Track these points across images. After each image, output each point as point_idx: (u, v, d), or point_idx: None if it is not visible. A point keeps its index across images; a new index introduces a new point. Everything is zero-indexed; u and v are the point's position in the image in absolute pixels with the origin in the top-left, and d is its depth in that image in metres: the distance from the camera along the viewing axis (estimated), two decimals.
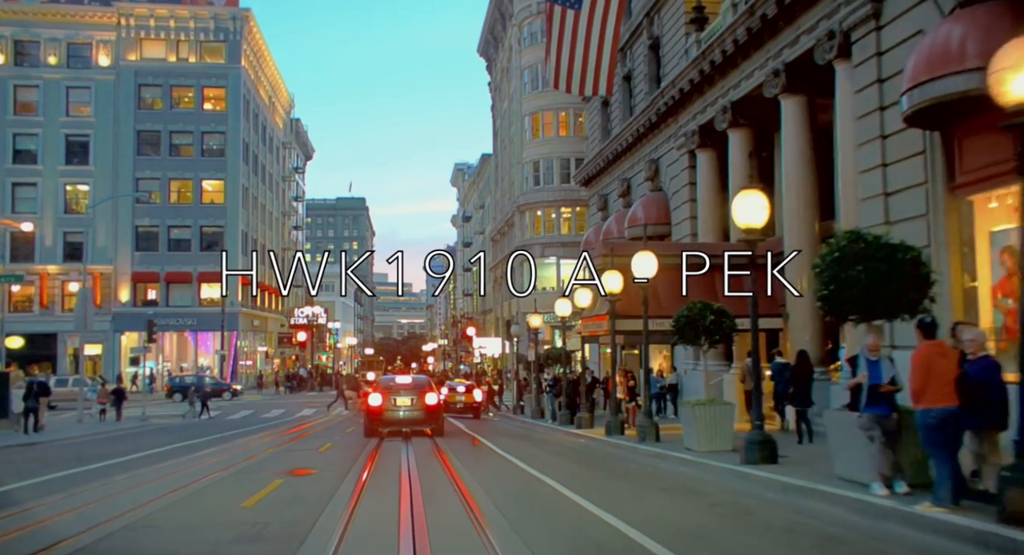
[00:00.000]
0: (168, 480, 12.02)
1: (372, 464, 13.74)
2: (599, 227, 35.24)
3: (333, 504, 9.34)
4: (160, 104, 57.88)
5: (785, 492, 9.30)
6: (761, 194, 11.13)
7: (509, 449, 16.97)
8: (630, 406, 19.38)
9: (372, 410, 20.40)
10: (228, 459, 15.01)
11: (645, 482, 11.45)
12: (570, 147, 59.55)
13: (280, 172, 78.20)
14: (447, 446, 17.91)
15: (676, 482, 11.17)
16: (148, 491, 10.84)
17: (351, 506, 9.21)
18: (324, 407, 39.23)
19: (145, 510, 9.33)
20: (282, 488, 10.83)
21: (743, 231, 11.30)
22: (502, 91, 77.60)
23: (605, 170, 35.64)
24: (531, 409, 29.80)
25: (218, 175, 58.18)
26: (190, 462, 14.73)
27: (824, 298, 9.01)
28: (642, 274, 15.79)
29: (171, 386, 47.73)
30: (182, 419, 31.87)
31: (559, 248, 59.29)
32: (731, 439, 13.28)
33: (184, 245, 57.59)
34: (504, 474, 12.81)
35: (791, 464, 10.93)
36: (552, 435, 21.79)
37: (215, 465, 13.93)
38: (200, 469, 13.30)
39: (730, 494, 9.77)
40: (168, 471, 13.21)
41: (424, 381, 23.44)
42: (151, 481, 12.07)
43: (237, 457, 15.43)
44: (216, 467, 13.52)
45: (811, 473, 9.86)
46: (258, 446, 18.28)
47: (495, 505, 9.28)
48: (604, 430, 18.40)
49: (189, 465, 14.08)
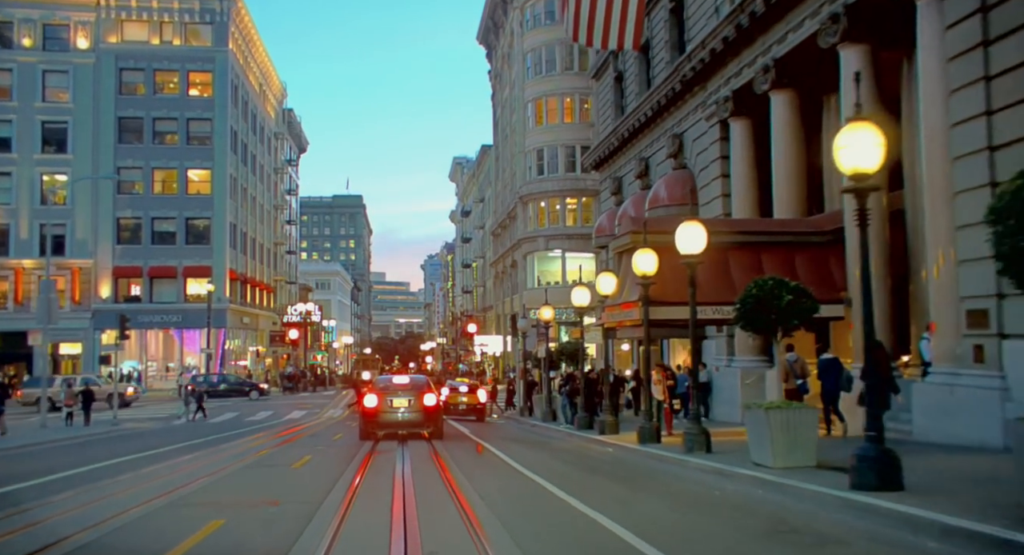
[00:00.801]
0: (75, 515, 8.95)
1: (356, 488, 10.82)
2: (613, 212, 32.40)
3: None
4: (143, 89, 54.89)
5: (950, 539, 6.42)
6: (874, 128, 8.23)
7: (525, 461, 14.11)
8: (667, 409, 16.44)
9: (368, 412, 19.31)
10: (175, 480, 11.96)
11: (723, 514, 8.52)
12: (575, 134, 56.69)
13: (272, 164, 75.23)
14: (450, 456, 15.06)
15: (771, 515, 8.18)
16: (35, 536, 7.74)
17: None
18: (320, 408, 36.42)
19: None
20: (219, 533, 7.70)
21: (850, 177, 8.40)
22: (503, 79, 74.73)
23: (619, 150, 32.78)
24: (541, 411, 26.93)
25: (204, 164, 55.20)
26: (125, 484, 11.71)
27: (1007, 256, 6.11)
28: (690, 249, 12.91)
29: (195, 385, 45.90)
30: (178, 420, 29.22)
31: (564, 240, 56.44)
32: (814, 452, 10.40)
33: (168, 238, 54.61)
34: (528, 499, 9.93)
35: (920, 492, 8.02)
36: (571, 442, 18.89)
37: (151, 490, 10.85)
38: (128, 497, 10.22)
39: (870, 542, 6.84)
40: (87, 500, 10.14)
41: (422, 381, 21.56)
42: (57, 515, 9.02)
43: (189, 476, 12.45)
44: (151, 493, 10.45)
45: (972, 506, 7.00)
46: (223, 459, 15.34)
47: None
48: (636, 437, 15.51)
49: (119, 490, 11.05)
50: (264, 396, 48.16)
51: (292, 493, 10.64)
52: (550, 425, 24.17)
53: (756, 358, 21.31)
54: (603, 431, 18.33)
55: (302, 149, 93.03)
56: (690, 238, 12.83)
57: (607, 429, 18.22)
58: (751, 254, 17.09)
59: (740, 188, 21.50)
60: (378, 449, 17.27)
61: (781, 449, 10.08)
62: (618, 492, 10.44)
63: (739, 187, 21.53)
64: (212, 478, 12.37)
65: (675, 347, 27.01)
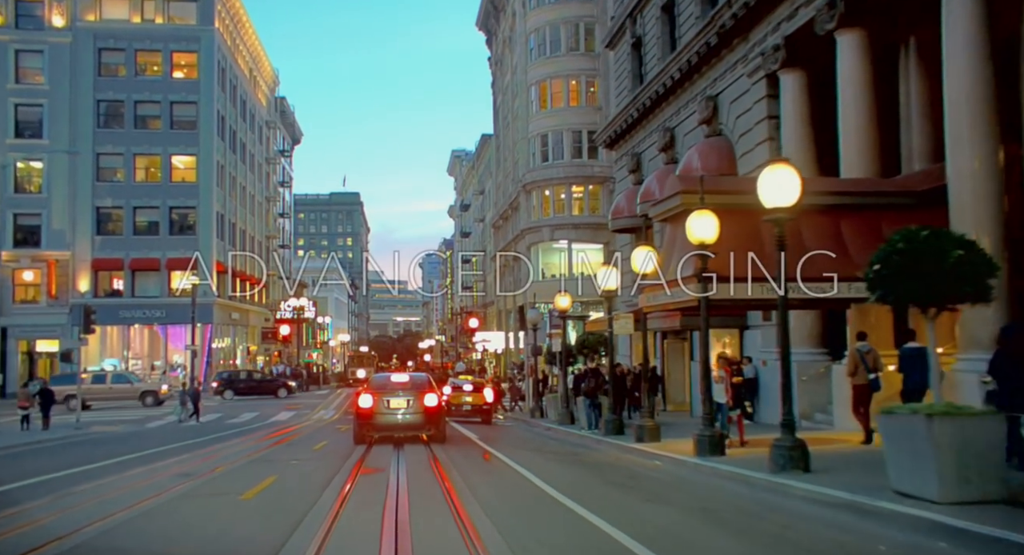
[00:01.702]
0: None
1: (326, 537, 7.53)
2: (632, 192, 29.20)
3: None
4: (123, 71, 51.58)
5: None
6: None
7: (555, 480, 10.99)
8: (734, 414, 13.22)
9: (362, 413, 17.60)
10: (79, 515, 8.72)
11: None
12: (582, 118, 53.53)
13: (263, 153, 71.99)
14: (461, 478, 11.89)
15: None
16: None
17: None
18: (311, 409, 33.34)
19: None
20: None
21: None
22: (503, 64, 71.62)
23: (639, 123, 29.61)
24: (557, 412, 23.77)
25: (189, 150, 51.91)
26: (16, 519, 8.60)
27: None
28: (779, 199, 9.78)
29: (220, 381, 44.96)
30: (162, 421, 26.93)
31: (571, 230, 53.31)
32: (1000, 477, 7.22)
33: (151, 228, 51.34)
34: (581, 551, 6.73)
35: None
36: (604, 452, 15.71)
37: (34, 533, 7.70)
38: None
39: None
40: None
41: (423, 380, 19.61)
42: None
43: (102, 509, 9.08)
44: (33, 538, 7.31)
45: None
46: (164, 480, 11.99)
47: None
48: (693, 448, 12.35)
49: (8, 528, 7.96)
50: (291, 395, 45.78)
51: (220, 546, 7.39)
52: (569, 429, 20.99)
53: (814, 349, 18.21)
54: (641, 438, 15.15)
55: (296, 140, 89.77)
56: (779, 186, 9.70)
57: (646, 435, 15.03)
58: (826, 220, 13.93)
59: (793, 151, 18.25)
60: (368, 461, 14.14)
61: (952, 476, 6.91)
62: (717, 542, 7.24)
63: (792, 150, 18.30)
64: (128, 513, 9.01)
65: (712, 337, 23.81)
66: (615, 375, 18.16)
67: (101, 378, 38.38)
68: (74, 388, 35.93)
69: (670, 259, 14.29)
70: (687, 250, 13.08)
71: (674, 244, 14.05)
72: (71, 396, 36.07)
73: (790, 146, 18.44)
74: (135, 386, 38.43)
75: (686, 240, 13.13)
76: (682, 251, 13.43)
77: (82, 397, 35.37)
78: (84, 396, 35.76)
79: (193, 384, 30.88)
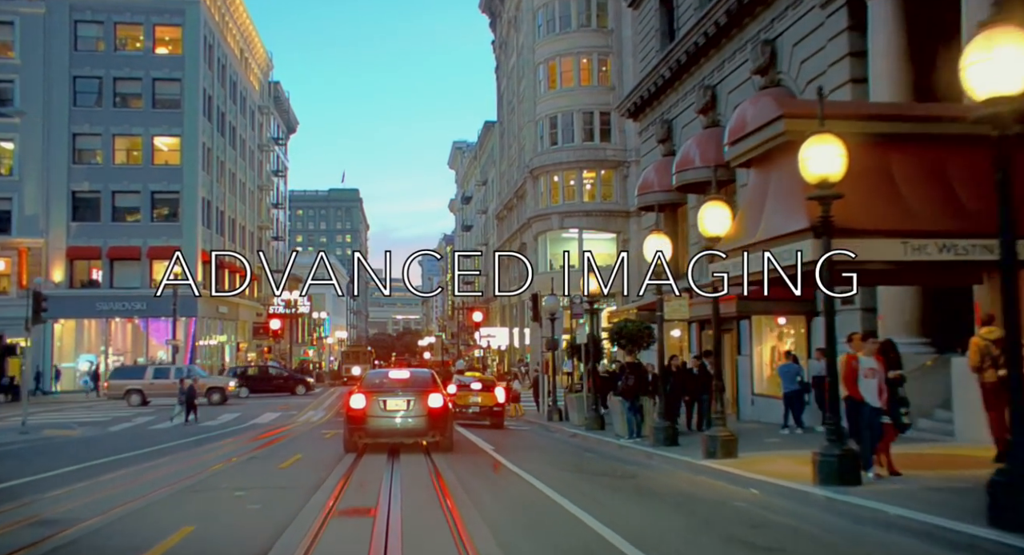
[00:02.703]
0: None
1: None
2: (663, 164, 25.66)
3: None
4: (102, 45, 47.91)
5: None
6: None
7: (628, 527, 7.39)
8: (886, 422, 9.45)
9: (353, 416, 14.80)
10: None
11: None
12: (594, 98, 49.99)
13: (256, 140, 68.35)
14: (476, 511, 8.31)
15: None
16: None
17: None
18: (299, 409, 29.81)
19: None
20: None
21: None
22: (508, 46, 68.08)
23: (670, 85, 26.02)
24: (581, 415, 20.16)
25: (173, 130, 48.24)
26: None
27: None
28: (1005, 83, 6.14)
29: (235, 378, 42.08)
30: (171, 423, 24.02)
31: (581, 218, 49.75)
32: None
33: (132, 214, 47.66)
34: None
35: None
36: (665, 471, 11.97)
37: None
38: None
39: None
40: None
41: (426, 377, 16.58)
42: None
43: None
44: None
45: None
46: (71, 510, 8.50)
47: None
48: (812, 473, 8.72)
49: None
50: (311, 392, 43.38)
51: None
52: (601, 436, 17.35)
53: (915, 338, 14.63)
54: (712, 452, 11.49)
55: (291, 129, 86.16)
56: (1010, 58, 6.06)
57: (720, 449, 11.39)
58: (935, 156, 10.23)
59: (886, 95, 14.71)
60: (349, 491, 10.54)
61: None
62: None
63: (884, 92, 14.75)
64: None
65: (759, 329, 20.25)
66: (669, 371, 14.53)
67: (163, 373, 35.49)
68: (138, 383, 33.91)
69: (757, 214, 10.69)
70: (790, 196, 9.49)
71: (766, 192, 10.46)
72: (132, 391, 33.62)
73: (882, 87, 14.87)
74: (201, 381, 35.28)
75: (789, 183, 9.56)
76: (781, 199, 9.84)
77: (145, 393, 32.99)
78: (146, 392, 33.18)
79: (190, 381, 27.40)
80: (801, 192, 9.20)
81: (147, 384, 33.96)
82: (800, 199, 9.27)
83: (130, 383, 34.74)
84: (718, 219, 11.59)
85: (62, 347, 47.36)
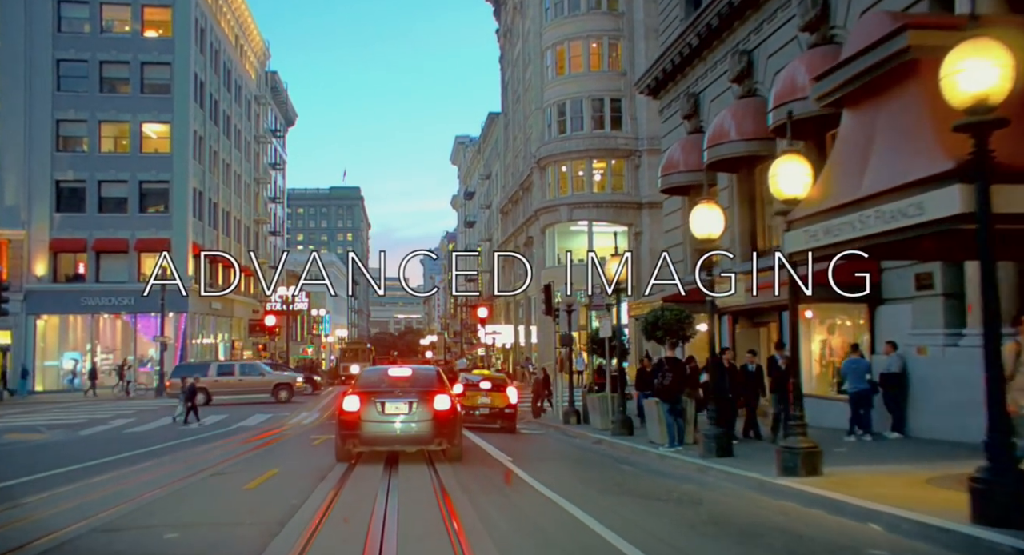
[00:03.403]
0: None
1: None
2: (690, 140, 23.33)
3: None
4: (87, 27, 45.58)
5: None
6: None
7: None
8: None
9: (346, 420, 12.69)
10: None
11: None
12: (604, 84, 47.66)
13: (252, 131, 65.99)
14: None
15: None
16: None
17: None
18: (290, 411, 27.39)
19: None
20: None
21: None
22: (514, 34, 65.74)
23: (697, 55, 23.65)
24: (605, 419, 17.78)
25: (163, 117, 45.87)
26: None
27: None
28: None
29: (186, 377, 38.16)
30: (173, 424, 22.11)
31: (591, 209, 47.30)
32: None
33: (119, 205, 45.26)
34: None
35: None
36: (729, 492, 9.46)
37: None
38: None
39: None
40: None
41: (431, 375, 14.43)
42: None
43: None
44: None
45: None
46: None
47: None
48: (970, 506, 6.36)
49: None
50: (317, 392, 40.96)
51: None
52: (632, 443, 14.94)
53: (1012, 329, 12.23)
54: (792, 469, 9.10)
55: (290, 121, 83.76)
56: None
57: (803, 465, 9.02)
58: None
59: None
60: (339, 504, 8.20)
61: None
62: None
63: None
64: None
65: (807, 320, 17.87)
66: (723, 369, 12.15)
67: (228, 369, 33.72)
68: (202, 381, 31.17)
69: (856, 165, 8.29)
70: (913, 134, 7.11)
71: (871, 137, 8.05)
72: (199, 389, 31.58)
73: None
74: (267, 378, 33.53)
75: (909, 119, 7.17)
76: (898, 140, 7.44)
77: (209, 392, 30.68)
78: (211, 390, 30.82)
79: (191, 380, 25.01)
80: (932, 128, 6.83)
81: (211, 382, 31.52)
82: (931, 136, 6.89)
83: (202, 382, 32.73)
84: (796, 176, 9.21)
85: (46, 345, 45.03)
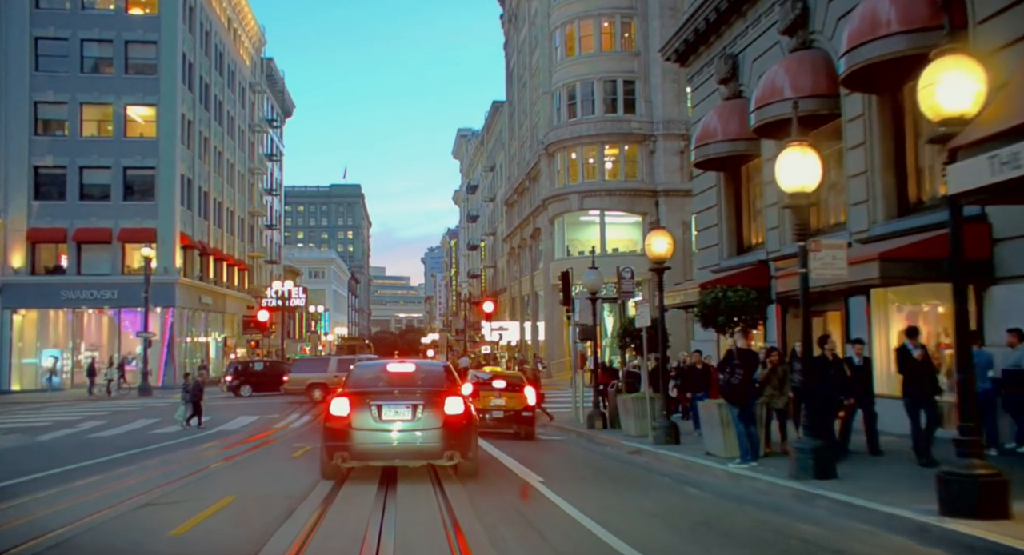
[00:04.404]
0: None
1: None
2: (728, 107, 20.57)
3: None
4: (67, 3, 42.85)
5: None
6: None
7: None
8: None
9: (333, 428, 10.17)
10: None
11: None
12: (616, 65, 44.88)
13: (247, 119, 63.28)
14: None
15: None
16: None
17: None
18: (280, 412, 24.68)
19: None
20: None
21: None
22: (519, 18, 62.98)
23: (735, 11, 20.87)
24: (643, 424, 15.02)
25: (148, 99, 43.18)
26: None
27: None
28: None
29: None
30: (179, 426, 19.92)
31: (603, 198, 44.63)
32: None
33: (102, 192, 42.57)
34: None
35: None
36: (875, 540, 6.60)
37: None
38: None
39: None
40: None
41: (439, 372, 11.85)
42: None
43: None
44: None
45: None
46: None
47: None
48: None
49: None
50: None
51: None
52: (684, 456, 12.15)
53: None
54: (960, 506, 6.32)
55: (287, 112, 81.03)
56: None
57: (982, 501, 6.21)
58: None
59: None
60: (311, 545, 5.44)
61: None
62: None
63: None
64: None
65: (882, 306, 15.06)
66: (824, 362, 9.32)
67: (349, 365, 30.83)
68: (321, 377, 29.65)
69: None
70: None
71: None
72: (314, 385, 29.70)
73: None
74: (304, 377, 31.31)
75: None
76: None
77: (329, 387, 28.42)
78: (331, 386, 28.80)
79: (195, 378, 22.21)
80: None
81: (331, 377, 29.14)
82: None
83: (312, 377, 30.65)
84: (964, 86, 6.43)
85: (23, 341, 42.28)
